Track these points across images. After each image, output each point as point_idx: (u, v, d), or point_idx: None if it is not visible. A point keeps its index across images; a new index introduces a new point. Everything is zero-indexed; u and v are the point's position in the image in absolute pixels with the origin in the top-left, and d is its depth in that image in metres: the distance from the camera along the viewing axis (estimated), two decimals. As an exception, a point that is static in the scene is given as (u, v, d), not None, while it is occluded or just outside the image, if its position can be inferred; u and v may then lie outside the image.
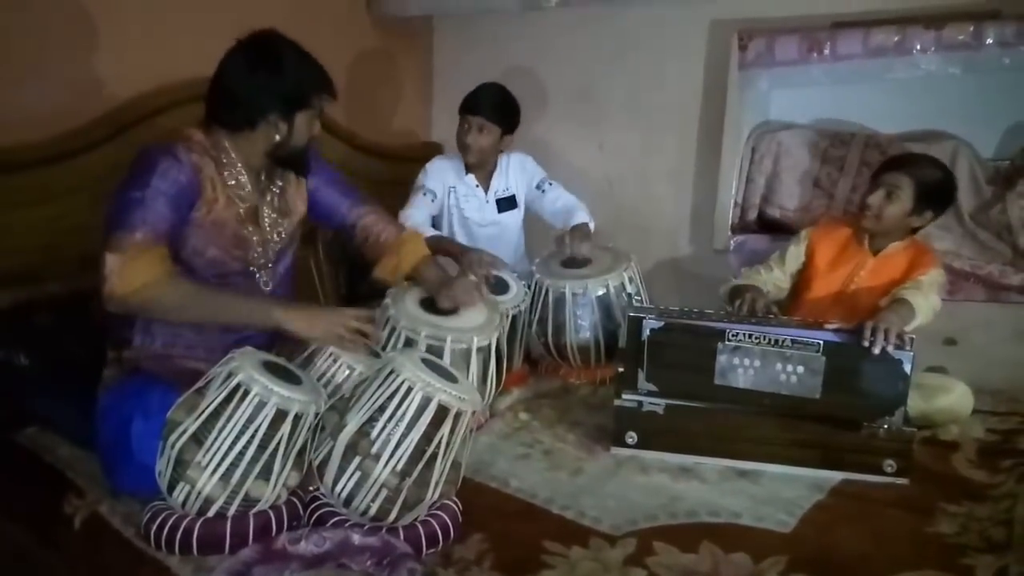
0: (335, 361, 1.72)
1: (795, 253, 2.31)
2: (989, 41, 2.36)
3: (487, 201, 2.68)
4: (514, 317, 2.20)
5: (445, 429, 1.50)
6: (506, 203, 2.71)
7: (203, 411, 1.46)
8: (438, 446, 1.50)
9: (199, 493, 1.44)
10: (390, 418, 1.48)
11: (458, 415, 1.52)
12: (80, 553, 1.49)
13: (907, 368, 1.81)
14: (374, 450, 1.47)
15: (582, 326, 2.33)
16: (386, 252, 2.04)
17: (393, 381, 1.51)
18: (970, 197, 2.55)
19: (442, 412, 1.50)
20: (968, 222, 2.55)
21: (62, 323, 2.04)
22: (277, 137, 1.74)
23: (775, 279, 2.30)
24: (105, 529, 1.55)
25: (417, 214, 2.47)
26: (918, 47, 2.44)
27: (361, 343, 1.74)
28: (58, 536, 1.54)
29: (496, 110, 2.55)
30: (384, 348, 1.86)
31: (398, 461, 1.46)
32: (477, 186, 2.65)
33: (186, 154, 1.67)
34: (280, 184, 1.88)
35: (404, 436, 1.47)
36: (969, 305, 2.56)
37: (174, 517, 1.46)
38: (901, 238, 2.18)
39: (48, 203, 2.11)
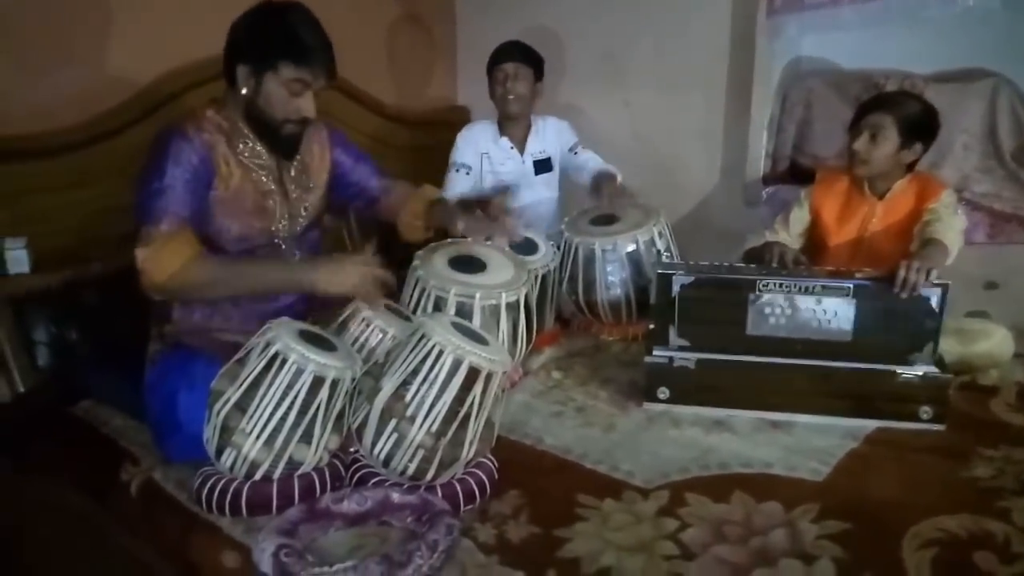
0: (368, 326, 1.77)
1: (798, 216, 2.28)
2: (1030, -28, 2.27)
3: (523, 163, 2.68)
4: (544, 277, 2.21)
5: (477, 390, 1.53)
6: (542, 165, 2.72)
7: (244, 380, 1.51)
8: (471, 407, 1.53)
9: (245, 458, 1.50)
10: (423, 381, 1.51)
11: (489, 376, 1.55)
12: (138, 517, 1.57)
13: (934, 303, 1.80)
14: (409, 412, 1.51)
15: (612, 283, 2.34)
16: (403, 205, 2.11)
17: (425, 345, 1.54)
18: (1011, 136, 2.47)
19: (473, 374, 1.53)
20: (1009, 162, 2.48)
21: (107, 300, 2.12)
22: (244, 91, 1.72)
23: (782, 240, 2.24)
24: (159, 494, 1.63)
25: (453, 194, 2.51)
26: (955, -18, 2.36)
27: (387, 292, 1.77)
28: (117, 501, 1.62)
29: (525, 53, 2.59)
30: (415, 309, 1.89)
31: (433, 422, 1.50)
32: (512, 148, 2.65)
33: (196, 133, 1.69)
34: (300, 158, 1.89)
35: (437, 398, 1.51)
36: (1011, 248, 2.51)
37: (223, 481, 1.53)
38: (901, 176, 2.14)
39: (87, 185, 2.18)
